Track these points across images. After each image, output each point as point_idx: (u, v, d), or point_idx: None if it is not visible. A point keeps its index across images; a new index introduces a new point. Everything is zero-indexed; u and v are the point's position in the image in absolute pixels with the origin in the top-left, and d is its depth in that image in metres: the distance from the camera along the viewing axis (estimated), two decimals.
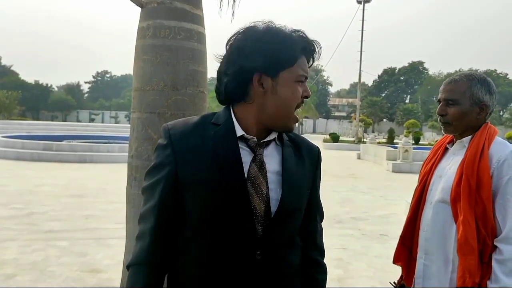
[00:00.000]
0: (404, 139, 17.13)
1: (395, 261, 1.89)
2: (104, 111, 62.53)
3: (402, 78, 74.47)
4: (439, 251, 1.66)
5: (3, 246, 4.80)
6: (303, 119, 50.27)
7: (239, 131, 1.10)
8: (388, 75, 74.68)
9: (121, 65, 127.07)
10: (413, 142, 24.76)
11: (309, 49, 1.11)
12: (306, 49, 1.11)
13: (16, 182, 9.30)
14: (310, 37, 1.11)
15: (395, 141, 27.09)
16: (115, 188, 8.28)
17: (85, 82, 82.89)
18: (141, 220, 1.13)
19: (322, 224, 1.33)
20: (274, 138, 1.15)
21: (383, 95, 71.70)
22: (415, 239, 1.78)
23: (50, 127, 28.39)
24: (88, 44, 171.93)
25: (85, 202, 7.52)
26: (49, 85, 65.69)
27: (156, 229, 1.09)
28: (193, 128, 1.11)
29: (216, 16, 3.31)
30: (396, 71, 75.25)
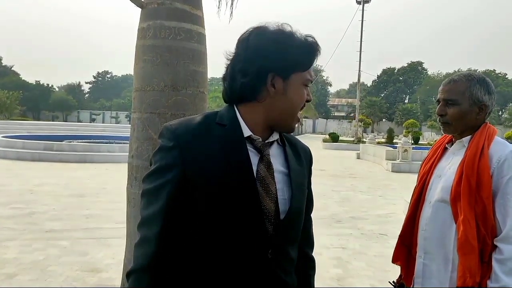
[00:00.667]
0: (403, 139, 17.18)
1: (394, 261, 1.90)
2: (105, 111, 62.48)
3: (401, 78, 74.57)
4: (439, 250, 1.67)
5: (4, 246, 4.81)
6: (303, 119, 50.28)
7: (246, 132, 1.10)
8: (387, 75, 74.80)
9: (122, 66, 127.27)
10: (412, 142, 24.81)
11: (318, 56, 1.14)
12: (317, 56, 1.13)
13: (17, 182, 9.30)
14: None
15: (395, 141, 27.09)
16: (116, 188, 8.30)
17: (86, 82, 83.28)
18: (144, 225, 1.06)
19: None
20: (277, 139, 1.16)
21: (382, 95, 71.79)
22: (414, 239, 1.79)
23: (51, 127, 28.36)
24: (88, 44, 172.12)
25: (86, 202, 7.53)
26: (50, 85, 65.71)
27: (163, 234, 1.04)
28: (199, 129, 1.09)
29: (215, 17, 3.32)
30: (395, 71, 75.32)
